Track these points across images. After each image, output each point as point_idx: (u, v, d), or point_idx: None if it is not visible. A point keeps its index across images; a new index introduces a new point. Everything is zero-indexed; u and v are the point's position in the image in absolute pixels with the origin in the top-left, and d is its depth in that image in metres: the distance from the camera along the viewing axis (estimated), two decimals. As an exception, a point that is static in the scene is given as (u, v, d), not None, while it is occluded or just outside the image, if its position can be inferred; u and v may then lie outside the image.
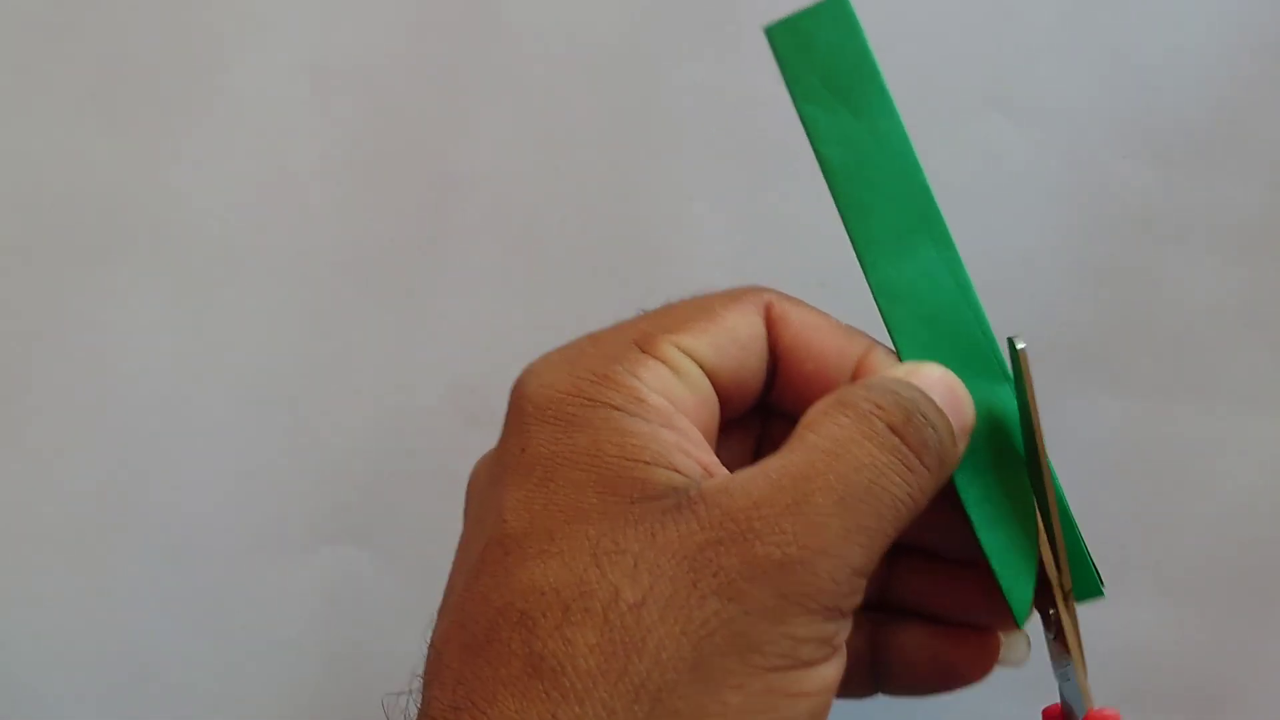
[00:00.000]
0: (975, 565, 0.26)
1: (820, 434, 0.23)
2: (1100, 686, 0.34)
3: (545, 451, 0.23)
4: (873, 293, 0.26)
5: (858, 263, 0.26)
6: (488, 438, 0.36)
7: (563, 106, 0.37)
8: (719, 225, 0.36)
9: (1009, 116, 0.36)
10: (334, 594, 0.36)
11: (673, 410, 0.24)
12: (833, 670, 0.22)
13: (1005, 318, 0.35)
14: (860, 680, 0.28)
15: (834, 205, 0.26)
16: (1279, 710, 0.34)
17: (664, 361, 0.24)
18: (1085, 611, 0.35)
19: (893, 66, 0.36)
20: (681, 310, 0.26)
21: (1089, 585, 0.26)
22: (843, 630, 0.23)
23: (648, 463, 0.23)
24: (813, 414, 0.24)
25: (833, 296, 0.36)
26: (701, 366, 0.25)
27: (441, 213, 0.37)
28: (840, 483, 0.22)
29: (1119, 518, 0.35)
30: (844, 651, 0.23)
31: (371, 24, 0.37)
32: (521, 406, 0.24)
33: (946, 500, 0.26)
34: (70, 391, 0.36)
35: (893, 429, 0.23)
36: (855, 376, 0.26)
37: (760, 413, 0.28)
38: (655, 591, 0.21)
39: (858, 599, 0.23)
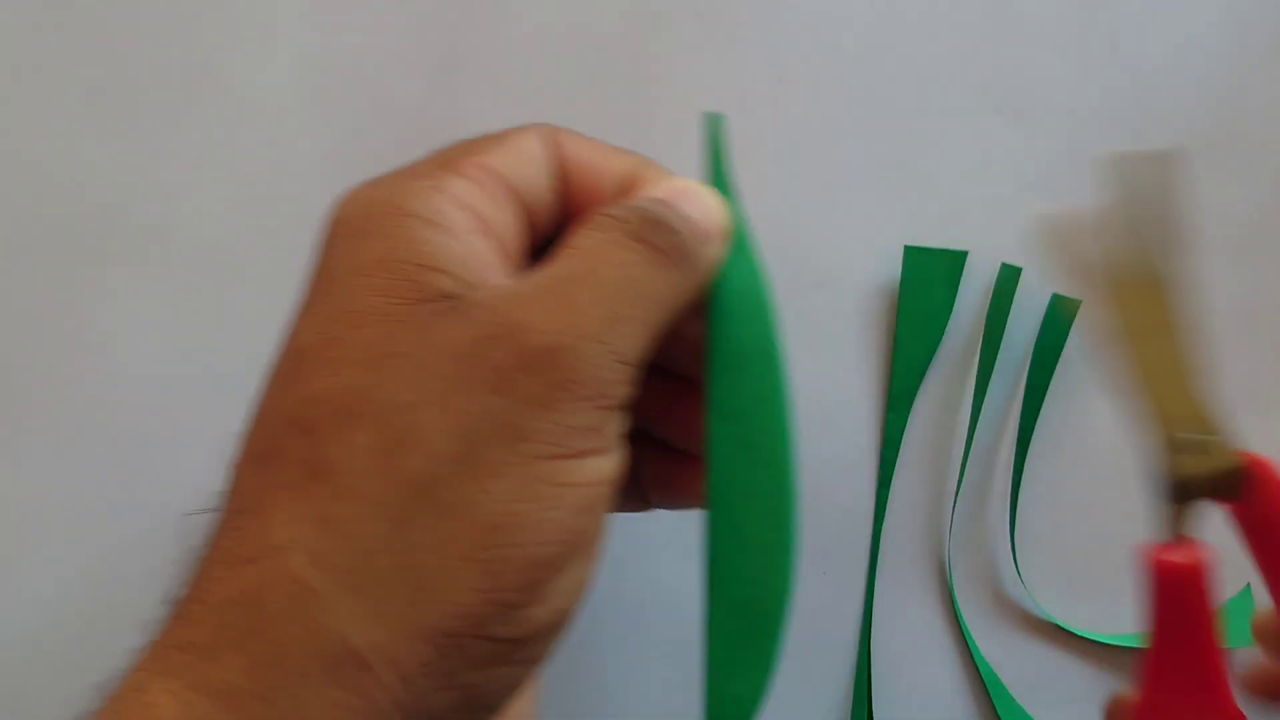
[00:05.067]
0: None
1: (575, 246, 0.25)
2: (1100, 685, 0.34)
3: (342, 264, 0.24)
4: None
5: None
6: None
7: (563, 106, 0.37)
8: (719, 225, 0.36)
9: (1008, 117, 0.36)
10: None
11: (471, 226, 0.25)
12: (605, 465, 0.23)
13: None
14: (631, 500, 0.30)
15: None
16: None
17: (468, 178, 0.25)
18: (1089, 612, 0.35)
19: (893, 66, 0.36)
20: (475, 140, 0.27)
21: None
22: (611, 423, 0.23)
23: (432, 268, 0.23)
24: (570, 236, 0.25)
25: (832, 296, 0.36)
26: (503, 183, 0.26)
27: (441, 213, 0.37)
28: (596, 279, 0.24)
29: (1118, 518, 0.35)
30: (619, 451, 0.24)
31: (371, 23, 0.37)
32: (329, 228, 0.25)
33: (687, 326, 0.27)
34: (69, 391, 0.36)
35: (635, 236, 0.25)
36: (625, 189, 0.28)
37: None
38: (428, 390, 0.22)
39: (625, 390, 0.24)
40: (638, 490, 0.31)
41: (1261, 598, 0.34)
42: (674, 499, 0.30)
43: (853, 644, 0.35)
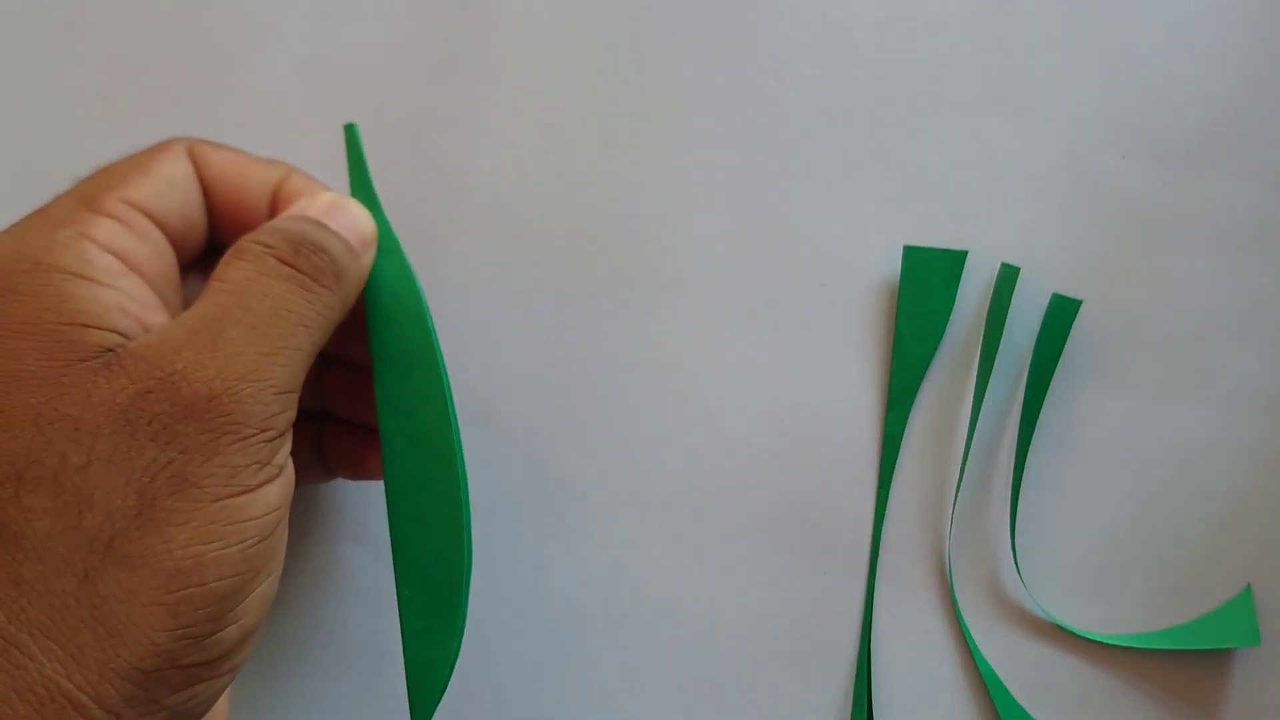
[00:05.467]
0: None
1: (224, 281, 0.25)
2: (1101, 685, 0.34)
3: None
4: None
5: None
6: (488, 438, 0.36)
7: (563, 106, 0.37)
8: (719, 225, 0.36)
9: (1009, 116, 0.36)
10: (334, 594, 0.36)
11: (121, 269, 0.25)
12: (275, 491, 0.24)
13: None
14: (315, 473, 0.32)
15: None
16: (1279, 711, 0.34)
17: (112, 217, 0.26)
18: (1090, 612, 0.35)
19: (893, 65, 0.36)
20: (116, 169, 0.27)
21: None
22: (280, 449, 0.25)
23: (84, 325, 0.24)
24: (219, 267, 0.26)
25: (833, 296, 0.36)
26: (149, 216, 0.27)
27: (441, 213, 0.37)
28: (248, 315, 0.24)
29: (1119, 517, 0.35)
30: (288, 471, 0.25)
31: (371, 23, 0.37)
32: None
33: (361, 316, 0.29)
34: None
35: (284, 262, 0.25)
36: (273, 202, 0.29)
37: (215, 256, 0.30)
38: (97, 450, 0.23)
39: (289, 415, 0.25)
40: (321, 463, 0.32)
41: (1262, 597, 0.34)
42: (359, 473, 0.32)
43: (853, 644, 0.35)
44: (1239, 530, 0.34)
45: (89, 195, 0.26)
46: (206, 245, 0.29)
